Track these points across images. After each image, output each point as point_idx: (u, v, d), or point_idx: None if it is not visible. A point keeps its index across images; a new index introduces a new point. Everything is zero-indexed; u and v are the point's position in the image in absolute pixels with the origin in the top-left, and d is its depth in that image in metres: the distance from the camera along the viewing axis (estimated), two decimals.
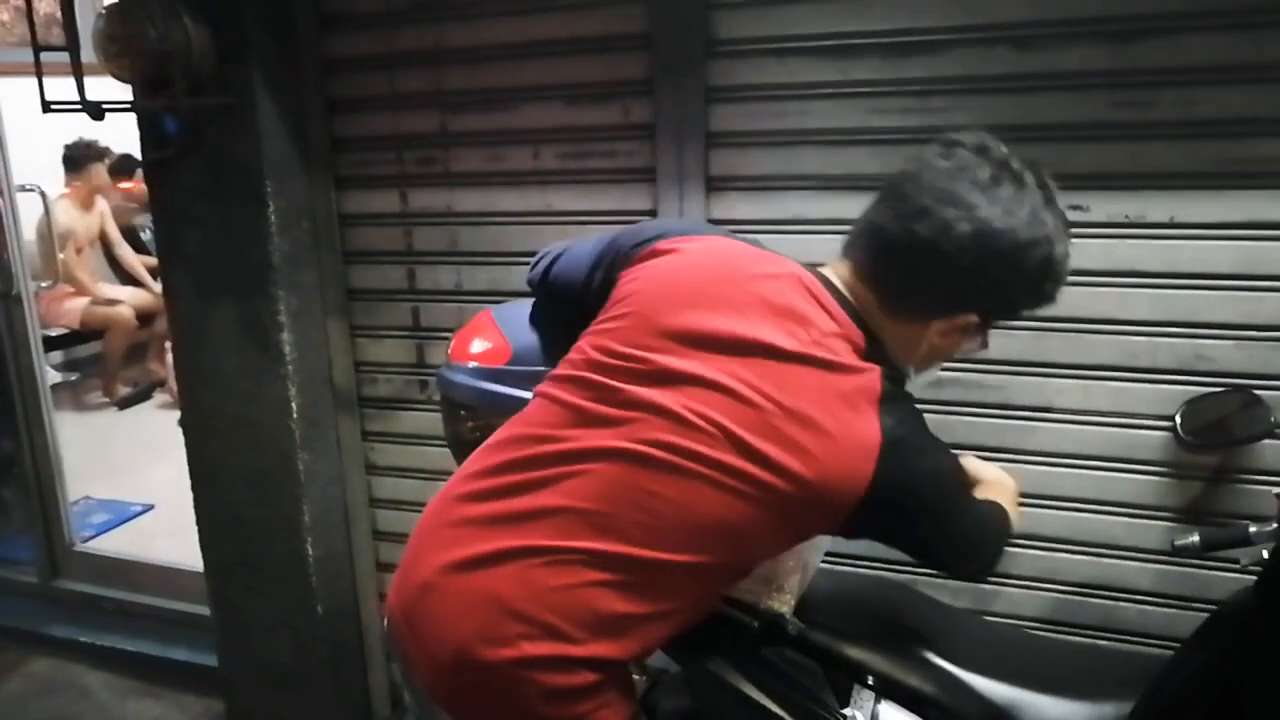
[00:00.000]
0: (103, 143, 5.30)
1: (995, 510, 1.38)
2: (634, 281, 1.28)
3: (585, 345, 1.27)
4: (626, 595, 1.16)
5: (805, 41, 1.86)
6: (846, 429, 1.13)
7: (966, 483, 1.39)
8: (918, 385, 1.35)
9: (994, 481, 1.48)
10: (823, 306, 1.20)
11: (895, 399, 1.17)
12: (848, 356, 1.17)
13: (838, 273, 1.27)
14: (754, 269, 1.24)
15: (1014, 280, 1.18)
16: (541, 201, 2.14)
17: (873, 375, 1.16)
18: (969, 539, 1.32)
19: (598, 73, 2.02)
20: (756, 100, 1.92)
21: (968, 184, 1.16)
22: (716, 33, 1.91)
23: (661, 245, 1.31)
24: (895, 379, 1.20)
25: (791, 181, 1.93)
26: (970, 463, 1.51)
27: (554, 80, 2.06)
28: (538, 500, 1.18)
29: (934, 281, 1.19)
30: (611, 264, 1.36)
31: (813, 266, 1.28)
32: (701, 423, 1.14)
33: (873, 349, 1.21)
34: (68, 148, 5.15)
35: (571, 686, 1.17)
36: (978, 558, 1.36)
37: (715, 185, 1.99)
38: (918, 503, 1.20)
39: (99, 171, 5.29)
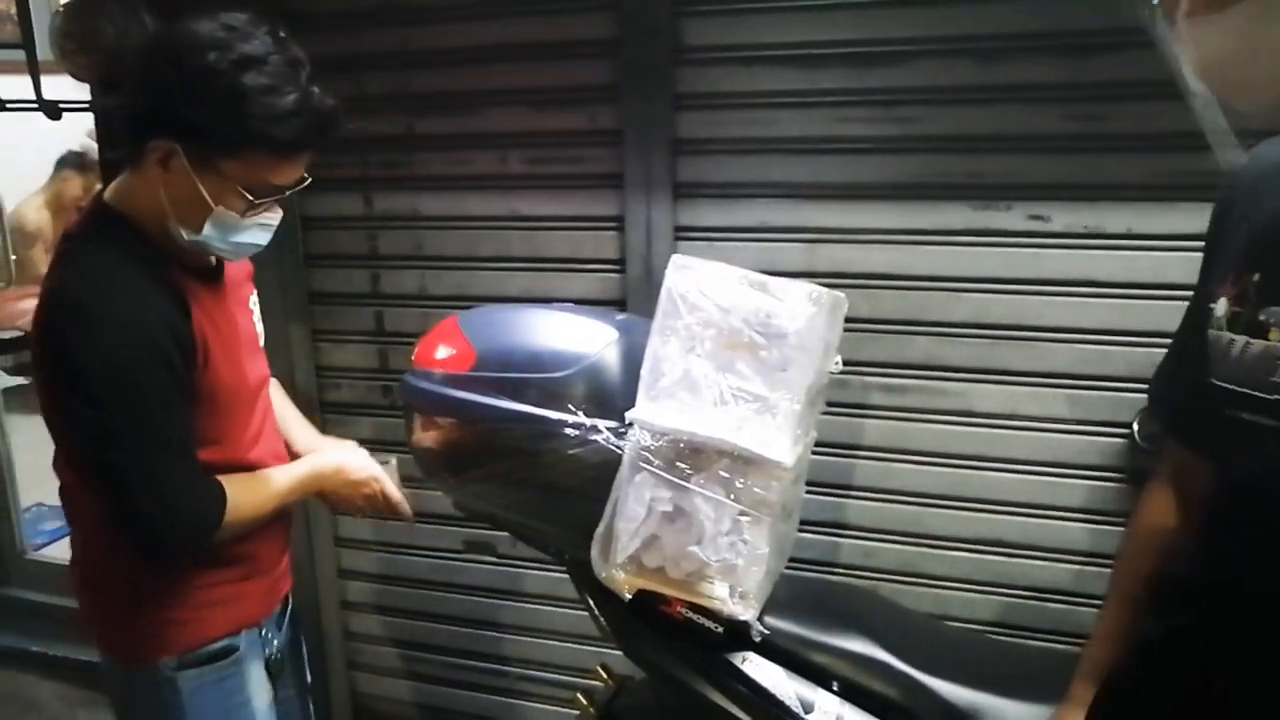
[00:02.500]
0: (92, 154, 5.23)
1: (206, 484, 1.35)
2: None
3: None
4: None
5: (772, 50, 1.87)
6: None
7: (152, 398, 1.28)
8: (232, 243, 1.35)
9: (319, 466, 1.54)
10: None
11: (75, 251, 1.28)
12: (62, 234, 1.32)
13: None
14: None
15: (169, 92, 1.20)
16: (507, 206, 2.13)
17: (63, 238, 1.31)
18: (117, 462, 1.27)
19: (565, 78, 2.02)
20: (724, 108, 1.93)
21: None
22: (684, 40, 1.92)
23: None
24: (95, 234, 1.30)
25: (758, 189, 1.94)
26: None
27: (521, 85, 2.06)
28: None
29: (128, 109, 1.27)
30: None
31: None
32: None
33: (99, 221, 1.31)
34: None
35: None
36: (125, 499, 1.29)
37: (682, 192, 1.99)
38: (53, 360, 1.26)
39: (72, 179, 5.22)
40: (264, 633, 1.54)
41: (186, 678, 1.42)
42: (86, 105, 2.07)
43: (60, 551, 3.43)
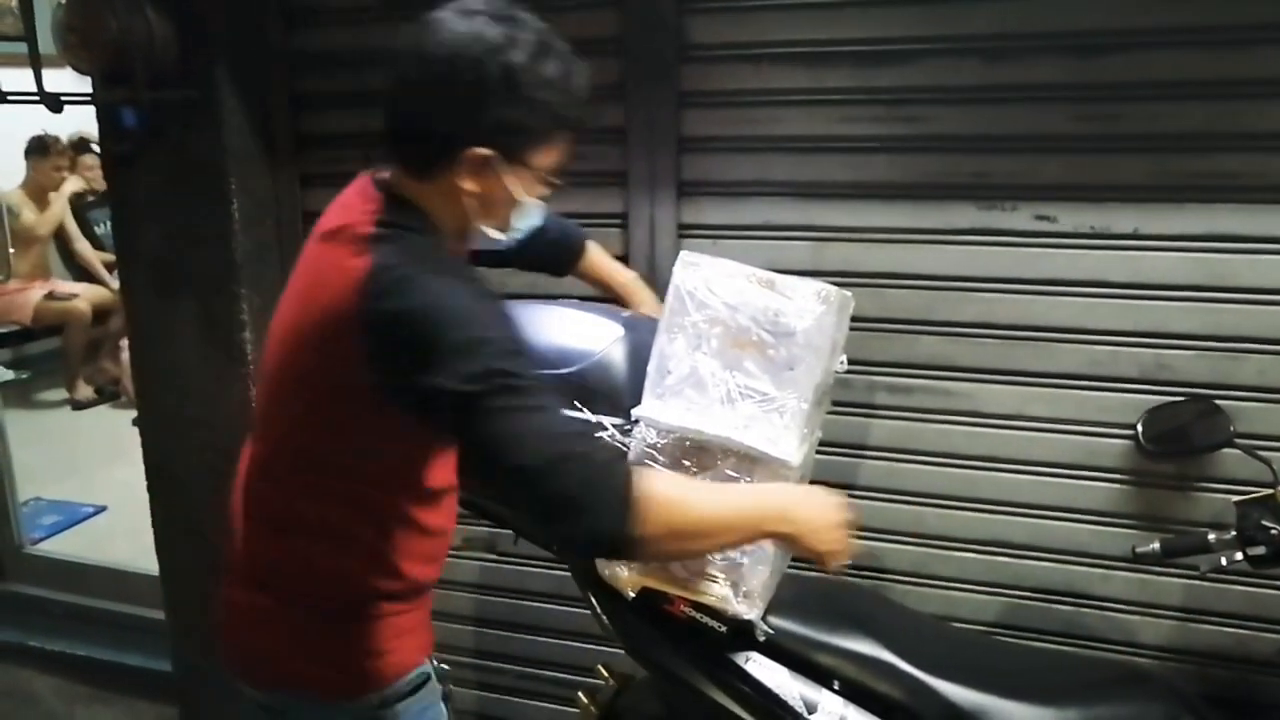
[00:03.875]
0: (53, 134, 5.26)
1: (611, 466, 1.17)
2: None
3: None
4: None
5: (778, 48, 1.86)
6: (340, 269, 1.19)
7: (513, 367, 1.15)
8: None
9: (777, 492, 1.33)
10: (362, 192, 1.27)
11: (390, 240, 1.19)
12: (362, 219, 1.22)
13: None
14: (333, 200, 1.33)
15: (483, 99, 1.17)
16: None
17: (368, 223, 1.20)
18: (512, 441, 1.12)
19: None
20: (729, 106, 1.92)
21: (416, 33, 1.21)
22: (690, 37, 1.91)
23: None
24: (406, 227, 1.21)
25: (762, 187, 1.94)
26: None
27: None
28: None
29: (417, 131, 1.21)
30: None
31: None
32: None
33: (396, 213, 1.22)
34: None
35: None
36: (535, 482, 1.12)
37: (686, 190, 1.98)
38: (410, 337, 1.13)
39: (41, 166, 5.22)
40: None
41: (398, 711, 1.37)
42: (88, 98, 2.06)
43: (58, 545, 3.43)
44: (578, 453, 1.15)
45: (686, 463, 1.38)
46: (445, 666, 1.49)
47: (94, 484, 4.04)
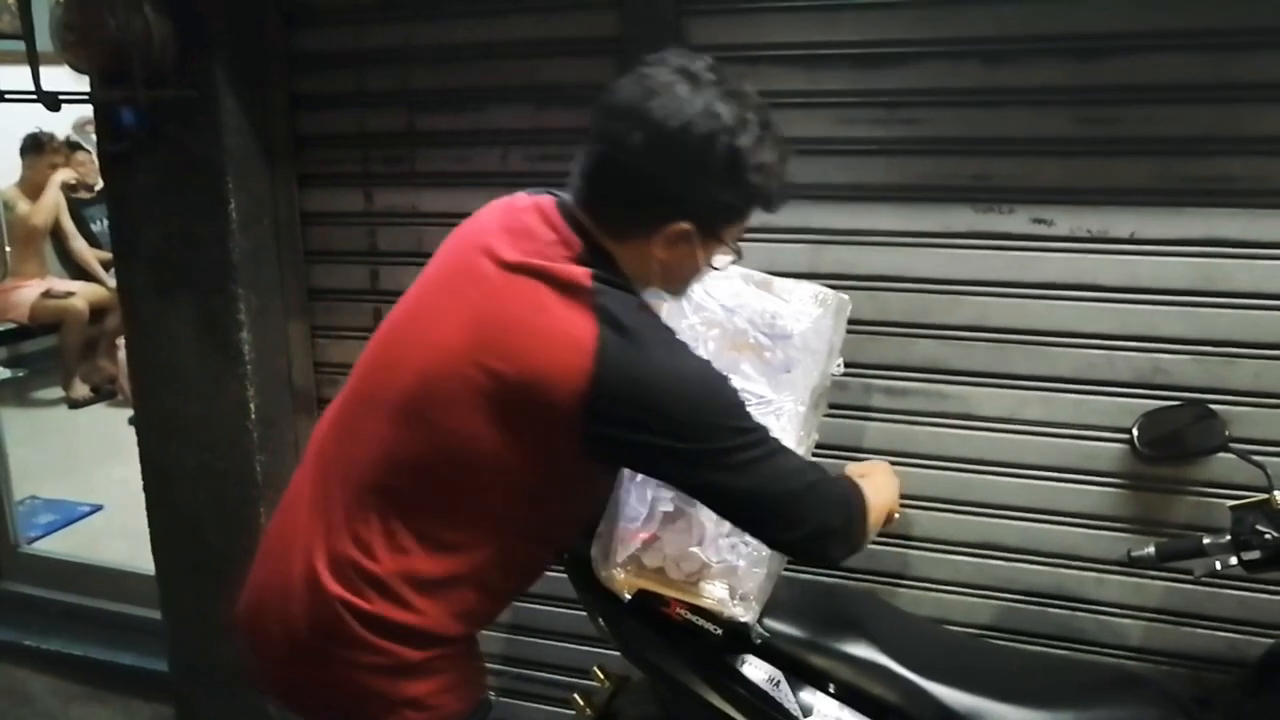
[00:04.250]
0: (48, 131, 5.27)
1: (839, 482, 1.30)
2: None
3: None
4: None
5: (777, 50, 1.86)
6: (558, 324, 1.14)
7: (748, 421, 1.21)
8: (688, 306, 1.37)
9: (872, 475, 1.45)
10: (548, 223, 1.22)
11: (611, 296, 1.16)
12: (562, 261, 1.18)
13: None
14: (493, 216, 1.30)
15: (703, 177, 1.16)
16: None
17: (582, 273, 1.17)
18: (766, 487, 1.20)
19: (569, 75, 2.01)
20: None
21: (641, 93, 1.16)
22: (689, 39, 1.91)
23: None
24: (616, 283, 1.19)
25: None
26: (853, 466, 1.50)
27: (524, 82, 2.05)
28: None
29: (627, 194, 1.19)
30: None
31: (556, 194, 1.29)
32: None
33: (598, 261, 1.19)
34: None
35: None
36: (791, 517, 1.22)
37: None
38: (651, 406, 1.14)
39: (36, 164, 5.22)
40: None
41: None
42: (86, 97, 2.06)
43: (54, 544, 3.42)
44: (819, 480, 1.25)
45: None
46: (492, 693, 1.48)
47: (90, 483, 4.03)
